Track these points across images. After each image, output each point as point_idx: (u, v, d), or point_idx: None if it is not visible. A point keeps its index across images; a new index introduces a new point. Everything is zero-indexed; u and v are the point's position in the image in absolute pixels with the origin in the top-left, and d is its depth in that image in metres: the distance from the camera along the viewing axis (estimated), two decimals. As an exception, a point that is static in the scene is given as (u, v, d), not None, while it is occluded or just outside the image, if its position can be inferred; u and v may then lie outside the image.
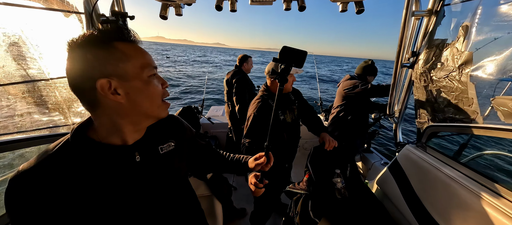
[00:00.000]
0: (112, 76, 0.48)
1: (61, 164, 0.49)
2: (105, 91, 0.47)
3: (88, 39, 0.48)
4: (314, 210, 1.22)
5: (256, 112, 1.39)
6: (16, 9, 1.00)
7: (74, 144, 0.51)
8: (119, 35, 0.50)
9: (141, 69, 0.51)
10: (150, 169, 0.60)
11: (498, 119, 0.96)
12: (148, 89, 0.52)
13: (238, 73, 2.53)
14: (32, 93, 1.13)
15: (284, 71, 0.82)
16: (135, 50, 0.51)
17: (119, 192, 0.54)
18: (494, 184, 0.92)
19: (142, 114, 0.54)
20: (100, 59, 0.47)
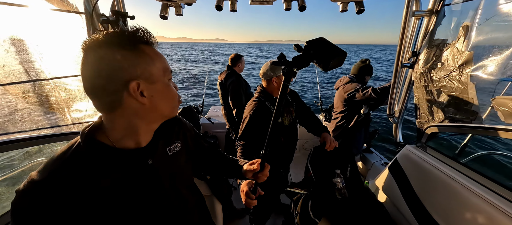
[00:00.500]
0: (140, 78, 0.48)
1: (75, 173, 0.47)
2: (136, 93, 0.48)
3: (115, 39, 0.47)
4: (314, 210, 1.22)
5: (252, 114, 1.35)
6: (16, 9, 1.00)
7: (87, 150, 0.50)
8: (144, 38, 0.51)
9: (164, 72, 0.53)
10: (161, 170, 0.61)
11: (498, 119, 0.96)
12: (169, 92, 0.55)
13: (232, 76, 2.46)
14: (32, 93, 1.13)
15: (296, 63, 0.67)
16: (157, 54, 0.53)
17: (134, 196, 0.55)
18: (494, 184, 0.92)
19: (160, 115, 0.57)
20: (129, 61, 0.47)
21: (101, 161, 0.50)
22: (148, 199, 0.57)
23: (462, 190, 0.98)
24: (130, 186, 0.54)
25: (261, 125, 1.34)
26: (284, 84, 0.70)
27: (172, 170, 0.65)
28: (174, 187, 0.65)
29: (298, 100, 1.60)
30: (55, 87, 1.21)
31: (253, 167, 0.82)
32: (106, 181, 0.50)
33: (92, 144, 0.51)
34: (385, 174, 1.50)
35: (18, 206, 0.43)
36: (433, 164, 1.18)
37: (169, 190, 0.63)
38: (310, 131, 1.59)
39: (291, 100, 1.53)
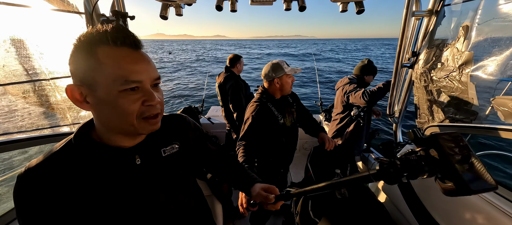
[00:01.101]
0: (83, 83, 0.46)
1: (64, 163, 0.49)
2: (73, 97, 0.47)
3: (77, 40, 0.46)
4: (314, 210, 1.22)
5: (255, 115, 1.34)
6: (16, 9, 1.00)
7: (76, 144, 0.51)
8: (104, 39, 0.45)
9: (112, 81, 0.44)
10: (151, 172, 0.58)
11: (498, 119, 0.96)
12: (116, 106, 0.46)
13: (231, 79, 2.42)
14: (32, 93, 1.13)
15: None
16: (117, 58, 0.45)
17: (119, 194, 0.53)
18: (494, 184, 0.93)
19: (117, 128, 0.51)
20: (78, 64, 0.45)
21: (87, 154, 0.51)
22: (134, 198, 0.55)
23: (462, 190, 0.98)
24: (116, 182, 0.53)
25: (263, 126, 1.34)
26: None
27: (165, 172, 0.62)
28: (169, 190, 0.62)
29: (298, 102, 1.60)
30: (55, 87, 1.21)
31: (268, 198, 0.74)
32: (92, 174, 0.50)
33: (82, 139, 0.52)
34: (385, 174, 1.50)
35: (16, 189, 0.47)
36: (433, 164, 1.18)
37: (162, 192, 0.60)
38: (307, 132, 1.60)
39: (292, 101, 1.53)
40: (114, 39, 0.45)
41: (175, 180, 0.64)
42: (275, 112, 1.40)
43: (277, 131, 1.41)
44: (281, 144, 1.45)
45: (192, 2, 1.36)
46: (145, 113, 0.49)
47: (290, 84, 1.42)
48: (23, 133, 1.12)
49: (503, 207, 0.83)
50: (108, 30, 0.45)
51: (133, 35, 0.48)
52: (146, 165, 0.57)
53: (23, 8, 1.02)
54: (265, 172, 1.51)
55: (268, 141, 1.41)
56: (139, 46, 0.49)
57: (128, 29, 0.50)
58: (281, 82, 1.39)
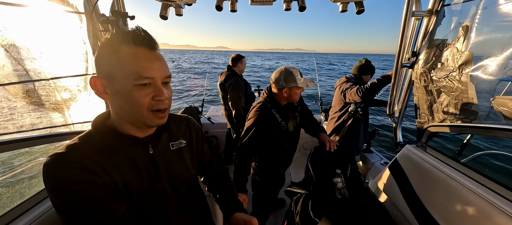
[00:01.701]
0: (102, 75, 0.53)
1: (88, 148, 0.54)
2: (95, 88, 0.53)
3: (105, 40, 0.54)
4: (314, 209, 1.22)
5: (257, 123, 1.29)
6: (16, 9, 1.00)
7: (96, 132, 0.57)
8: (126, 39, 0.52)
9: (127, 76, 0.51)
10: (160, 162, 0.63)
11: (498, 119, 0.96)
12: (130, 98, 0.52)
13: (231, 77, 2.44)
14: (32, 93, 1.13)
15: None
16: (134, 56, 0.51)
17: (134, 179, 0.58)
18: (494, 184, 0.93)
19: (129, 118, 0.57)
20: (101, 58, 0.53)
21: (107, 140, 0.56)
22: (144, 187, 0.60)
23: (462, 190, 0.98)
24: (131, 170, 0.58)
25: (265, 133, 1.31)
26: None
27: (172, 165, 0.66)
28: (173, 182, 0.66)
29: (302, 103, 1.58)
30: (55, 87, 1.20)
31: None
32: (114, 159, 0.56)
33: (101, 127, 0.58)
34: (385, 174, 1.50)
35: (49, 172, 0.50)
36: (433, 164, 1.18)
37: (166, 183, 0.65)
38: (307, 132, 1.59)
39: (296, 105, 1.49)
40: (134, 39, 0.52)
41: (180, 173, 0.69)
42: (279, 119, 1.36)
43: (280, 137, 1.38)
44: (283, 148, 1.44)
45: (192, 2, 1.36)
46: (154, 106, 0.55)
47: (298, 95, 1.37)
48: (23, 133, 1.12)
49: (503, 207, 0.83)
50: (130, 31, 0.53)
51: (150, 37, 0.54)
52: (158, 155, 0.63)
53: (23, 8, 1.02)
54: (264, 173, 1.51)
55: (269, 146, 1.40)
56: (155, 47, 0.55)
57: (147, 32, 0.55)
58: (289, 93, 1.32)
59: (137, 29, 0.54)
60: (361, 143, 2.27)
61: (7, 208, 0.98)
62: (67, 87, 1.26)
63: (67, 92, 1.26)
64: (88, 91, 1.36)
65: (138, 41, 0.52)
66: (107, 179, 0.54)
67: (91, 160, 0.53)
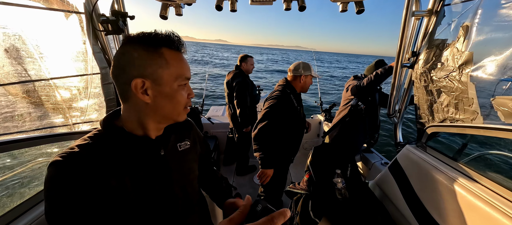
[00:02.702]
0: (148, 78, 0.52)
1: (97, 149, 0.53)
2: (136, 90, 0.52)
3: (140, 38, 0.53)
4: (314, 210, 1.22)
5: (277, 104, 1.48)
6: (16, 9, 1.00)
7: (107, 132, 0.57)
8: (169, 43, 0.54)
9: (175, 78, 0.55)
10: (171, 163, 0.65)
11: (498, 119, 0.96)
12: (174, 97, 0.57)
13: (239, 76, 2.46)
14: (32, 93, 1.13)
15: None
16: (177, 60, 0.56)
17: (144, 181, 0.58)
18: (494, 184, 0.92)
19: (163, 116, 0.59)
20: (142, 60, 0.52)
21: (118, 142, 0.56)
22: (156, 188, 0.60)
23: (462, 190, 0.98)
24: (144, 171, 0.58)
25: (283, 113, 1.50)
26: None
27: (181, 165, 0.68)
28: (181, 183, 0.68)
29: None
30: (55, 87, 1.20)
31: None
32: (122, 160, 0.55)
33: (111, 128, 0.57)
34: (385, 174, 1.50)
35: (51, 175, 0.48)
36: (433, 164, 1.18)
37: (177, 184, 0.66)
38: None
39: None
40: (176, 44, 0.56)
41: (186, 173, 0.71)
42: (295, 103, 1.57)
43: (295, 118, 1.58)
44: (296, 131, 1.64)
45: (192, 2, 1.36)
46: (188, 103, 0.61)
47: (309, 85, 1.60)
48: (23, 133, 1.12)
49: (503, 207, 0.83)
50: (170, 35, 0.55)
51: (183, 42, 0.58)
52: (168, 156, 0.64)
53: (23, 8, 1.02)
54: (277, 158, 1.64)
55: (284, 129, 1.57)
56: (185, 51, 0.60)
57: (179, 37, 0.57)
58: (305, 80, 1.58)
59: (172, 34, 0.56)
60: (359, 139, 2.21)
61: (7, 208, 0.98)
62: (67, 87, 1.26)
63: (67, 92, 1.26)
64: (88, 91, 1.36)
65: (179, 45, 0.56)
66: (115, 183, 0.52)
67: (99, 164, 0.51)
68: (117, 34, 1.33)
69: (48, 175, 0.48)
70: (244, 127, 2.53)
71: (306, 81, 1.58)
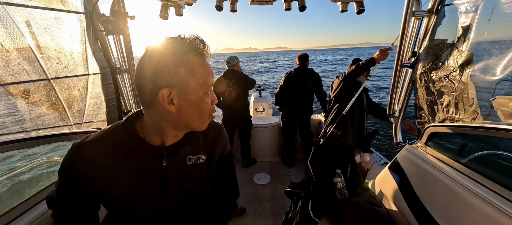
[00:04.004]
0: (174, 87, 0.51)
1: (111, 145, 0.56)
2: (163, 100, 0.51)
3: (166, 45, 0.51)
4: (314, 210, 1.22)
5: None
6: (16, 9, 1.00)
7: (123, 133, 0.58)
8: (194, 48, 0.52)
9: (200, 86, 0.54)
10: (171, 176, 0.62)
11: (498, 118, 0.96)
12: (200, 106, 0.55)
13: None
14: (32, 93, 1.13)
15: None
16: (202, 66, 0.54)
17: (139, 187, 0.58)
18: (494, 184, 0.92)
19: (185, 124, 0.58)
20: (171, 68, 0.50)
21: (129, 144, 0.57)
22: (147, 199, 0.60)
23: (462, 190, 0.98)
24: (137, 179, 0.58)
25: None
26: None
27: (184, 180, 0.64)
28: (180, 198, 0.64)
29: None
30: (55, 87, 1.20)
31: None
32: (126, 162, 0.56)
33: (128, 129, 0.58)
34: (385, 174, 1.50)
35: (64, 163, 0.55)
36: (433, 164, 1.18)
37: (174, 199, 0.63)
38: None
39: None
40: (201, 50, 0.54)
41: (190, 189, 0.66)
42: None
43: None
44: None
45: (192, 2, 1.36)
46: (212, 111, 0.60)
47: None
48: (23, 133, 1.12)
49: (503, 207, 0.83)
50: (195, 40, 0.53)
51: (208, 46, 0.56)
52: (170, 169, 0.61)
53: (23, 8, 1.02)
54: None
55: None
56: (209, 56, 0.57)
57: (204, 41, 0.55)
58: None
59: (198, 39, 0.54)
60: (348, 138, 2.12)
61: (7, 208, 0.98)
62: (67, 87, 1.26)
63: (67, 92, 1.26)
64: (88, 91, 1.36)
65: (204, 52, 0.54)
66: (110, 184, 0.57)
67: (108, 159, 0.55)
68: (117, 34, 1.34)
69: (68, 155, 0.56)
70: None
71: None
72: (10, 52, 1.02)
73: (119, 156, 0.56)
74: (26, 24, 1.05)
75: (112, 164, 0.55)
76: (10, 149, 0.97)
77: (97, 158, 0.54)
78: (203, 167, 0.68)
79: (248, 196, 2.40)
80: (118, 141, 0.57)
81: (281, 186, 2.59)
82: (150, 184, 0.59)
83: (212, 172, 0.72)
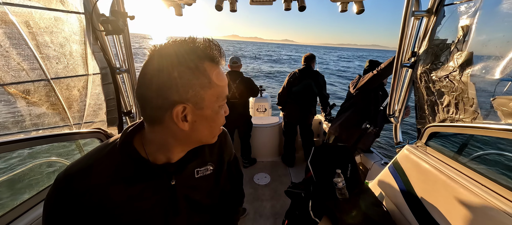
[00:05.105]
0: (188, 102, 0.44)
1: (105, 173, 0.47)
2: (177, 118, 0.44)
3: (179, 52, 0.42)
4: (314, 210, 1.22)
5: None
6: (16, 9, 1.00)
7: (121, 154, 0.49)
8: (210, 56, 0.45)
9: (217, 99, 0.47)
10: (180, 192, 0.56)
11: (498, 119, 0.96)
12: (215, 120, 0.49)
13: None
14: (33, 93, 1.13)
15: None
16: (218, 76, 0.47)
17: (149, 212, 0.52)
18: (494, 184, 0.92)
19: (197, 140, 0.52)
20: (184, 81, 0.42)
21: (131, 169, 0.49)
22: (161, 220, 0.54)
23: (462, 190, 0.98)
24: (145, 202, 0.51)
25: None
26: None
27: (192, 194, 0.59)
28: (190, 214, 0.60)
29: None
30: (55, 87, 1.20)
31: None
32: (131, 189, 0.49)
33: (128, 150, 0.49)
34: (385, 174, 1.50)
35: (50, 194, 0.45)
36: (433, 164, 1.18)
37: (184, 216, 0.58)
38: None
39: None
40: (217, 57, 0.47)
41: (198, 201, 0.61)
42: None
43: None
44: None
45: (192, 2, 1.36)
46: (223, 122, 0.53)
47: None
48: (23, 133, 1.12)
49: (503, 207, 0.83)
50: (211, 45, 0.46)
51: (223, 52, 0.49)
52: (179, 186, 0.55)
53: (23, 8, 1.02)
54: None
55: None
56: (224, 63, 0.50)
57: (219, 46, 0.48)
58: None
59: (213, 43, 0.46)
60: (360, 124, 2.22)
61: (7, 208, 0.98)
62: (67, 87, 1.26)
63: (67, 92, 1.26)
64: (88, 91, 1.36)
65: (220, 58, 0.47)
66: (117, 212, 0.48)
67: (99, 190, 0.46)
68: (117, 34, 1.34)
69: (50, 192, 0.45)
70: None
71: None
72: (10, 52, 1.02)
73: (121, 184, 0.47)
74: (26, 24, 1.05)
75: (115, 194, 0.47)
76: (10, 149, 0.97)
77: (96, 190, 0.45)
78: (211, 177, 0.63)
79: (248, 196, 2.40)
80: (117, 166, 0.48)
81: (281, 186, 2.59)
82: (159, 206, 0.53)
83: (221, 181, 0.67)
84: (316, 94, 2.80)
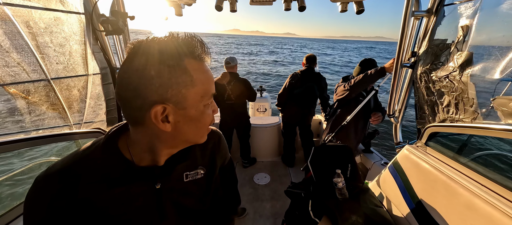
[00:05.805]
0: (169, 102, 0.41)
1: (87, 175, 0.45)
2: (157, 119, 0.42)
3: (157, 49, 0.40)
4: (314, 210, 1.22)
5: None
6: (16, 9, 1.00)
7: (103, 155, 0.47)
8: (192, 52, 0.43)
9: (201, 98, 0.45)
10: (165, 197, 0.54)
11: (498, 119, 0.96)
12: (200, 120, 0.47)
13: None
14: (33, 93, 1.13)
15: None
16: (203, 73, 0.44)
17: (129, 215, 0.50)
18: (494, 184, 0.92)
19: (183, 141, 0.50)
20: (163, 80, 0.40)
21: (114, 170, 0.47)
22: (145, 223, 0.52)
23: (462, 190, 0.98)
24: (133, 204, 0.49)
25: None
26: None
27: (181, 199, 0.56)
28: (179, 217, 0.57)
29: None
30: (55, 87, 1.21)
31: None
32: (114, 191, 0.47)
33: (111, 150, 0.47)
34: (385, 174, 1.50)
35: (29, 194, 0.43)
36: (433, 164, 1.18)
37: (172, 219, 0.56)
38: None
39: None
40: (200, 54, 0.44)
41: (188, 207, 0.59)
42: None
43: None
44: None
45: (192, 2, 1.36)
46: (212, 121, 0.51)
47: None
48: (23, 133, 1.12)
49: (503, 207, 0.83)
50: (192, 40, 0.43)
51: (207, 48, 0.46)
52: (165, 190, 0.53)
53: (23, 8, 1.02)
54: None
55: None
56: (210, 59, 0.48)
57: (203, 41, 0.45)
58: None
59: (195, 38, 0.43)
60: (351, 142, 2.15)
61: (7, 208, 0.98)
62: (67, 87, 1.26)
63: (67, 92, 1.26)
64: (88, 91, 1.36)
65: (204, 54, 0.45)
66: (98, 214, 0.46)
67: (80, 190, 0.44)
68: (117, 34, 1.34)
69: (30, 192, 0.43)
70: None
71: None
72: (10, 52, 1.02)
73: (103, 185, 0.45)
74: (26, 24, 1.05)
75: (96, 195, 0.45)
76: (10, 149, 0.97)
77: (75, 191, 0.43)
78: (201, 182, 0.60)
79: (248, 196, 2.40)
80: (99, 167, 0.45)
81: (281, 186, 2.59)
82: (144, 211, 0.50)
83: (212, 186, 0.64)
84: (317, 97, 2.77)
